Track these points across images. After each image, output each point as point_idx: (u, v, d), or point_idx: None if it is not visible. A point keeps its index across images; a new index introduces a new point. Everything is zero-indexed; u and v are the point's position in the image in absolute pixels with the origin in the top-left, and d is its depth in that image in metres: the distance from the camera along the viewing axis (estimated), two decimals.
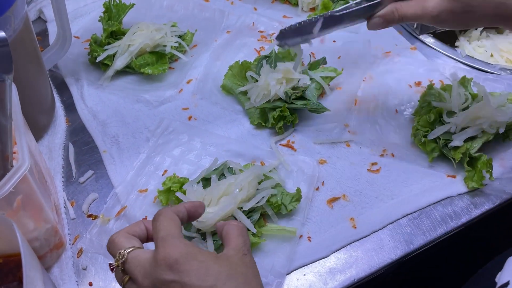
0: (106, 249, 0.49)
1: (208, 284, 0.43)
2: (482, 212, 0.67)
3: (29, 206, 0.52)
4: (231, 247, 0.47)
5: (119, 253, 0.46)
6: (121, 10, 0.87)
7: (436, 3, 0.59)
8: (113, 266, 0.47)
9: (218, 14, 0.95)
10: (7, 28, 0.58)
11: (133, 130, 0.76)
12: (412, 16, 0.61)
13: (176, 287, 0.43)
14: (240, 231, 0.49)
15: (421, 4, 0.60)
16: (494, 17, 0.59)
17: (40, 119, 0.74)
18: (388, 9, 0.62)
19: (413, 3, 0.61)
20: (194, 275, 0.43)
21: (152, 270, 0.44)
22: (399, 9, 0.61)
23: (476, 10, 0.58)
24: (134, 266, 0.45)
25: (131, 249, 0.46)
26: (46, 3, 0.96)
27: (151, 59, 0.83)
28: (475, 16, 0.59)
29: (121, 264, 0.46)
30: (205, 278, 0.43)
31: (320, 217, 0.66)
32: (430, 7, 0.59)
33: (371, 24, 0.63)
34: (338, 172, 0.71)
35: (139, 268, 0.45)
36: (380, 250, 0.63)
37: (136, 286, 0.45)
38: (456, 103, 0.72)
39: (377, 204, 0.67)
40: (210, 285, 0.43)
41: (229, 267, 0.44)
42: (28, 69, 0.68)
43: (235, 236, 0.48)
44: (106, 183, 0.70)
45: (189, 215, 0.51)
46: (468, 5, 0.58)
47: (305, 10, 0.97)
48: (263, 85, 0.75)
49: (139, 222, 0.50)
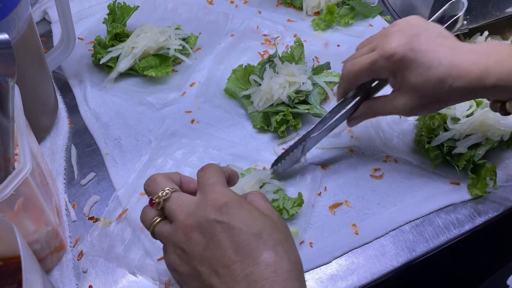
0: (145, 188, 0.49)
1: (254, 231, 0.43)
2: (486, 220, 0.66)
3: (30, 209, 0.51)
4: (263, 208, 0.47)
5: (163, 190, 0.46)
6: (126, 12, 0.87)
7: (405, 102, 0.59)
8: (153, 202, 0.47)
9: (222, 17, 0.95)
10: (10, 29, 0.58)
11: (136, 133, 0.76)
12: (387, 113, 0.64)
13: (222, 228, 0.43)
14: (265, 198, 0.49)
15: (391, 104, 0.61)
16: (465, 98, 0.59)
17: (43, 121, 0.74)
18: (363, 110, 0.64)
19: (383, 102, 0.62)
20: (242, 220, 0.43)
21: (198, 210, 0.44)
22: (372, 107, 0.64)
23: (445, 99, 0.58)
24: (177, 204, 0.45)
25: (174, 188, 0.47)
26: (51, 4, 0.96)
27: (154, 61, 0.82)
28: (447, 102, 0.59)
29: (163, 201, 0.46)
30: (252, 225, 0.43)
31: (322, 223, 0.66)
32: (401, 106, 0.60)
33: (351, 124, 0.67)
34: (340, 178, 0.71)
35: (182, 207, 0.45)
36: (382, 257, 0.63)
37: (171, 227, 0.45)
38: (461, 110, 0.71)
39: (379, 211, 0.67)
40: (255, 232, 0.43)
41: (271, 221, 0.45)
42: (32, 70, 0.68)
43: (262, 202, 0.48)
44: (108, 185, 0.70)
45: (230, 176, 0.51)
46: (435, 97, 0.57)
47: (310, 14, 0.96)
48: (266, 89, 0.75)
49: (174, 172, 0.51)
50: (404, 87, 0.58)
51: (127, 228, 0.64)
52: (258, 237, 0.43)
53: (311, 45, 0.90)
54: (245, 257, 0.42)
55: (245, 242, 0.42)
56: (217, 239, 0.43)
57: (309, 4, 0.95)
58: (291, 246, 0.45)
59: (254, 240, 0.42)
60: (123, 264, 0.61)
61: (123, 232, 0.63)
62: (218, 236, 0.43)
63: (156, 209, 0.47)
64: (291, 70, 0.75)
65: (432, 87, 0.56)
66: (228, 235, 0.43)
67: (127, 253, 0.62)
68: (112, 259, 0.61)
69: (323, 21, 0.93)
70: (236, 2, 1.00)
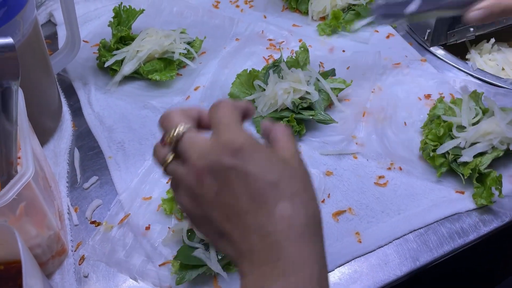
0: (159, 124, 0.44)
1: (271, 179, 0.38)
2: (491, 230, 0.66)
3: (32, 213, 0.51)
4: (285, 150, 0.42)
5: (176, 127, 0.42)
6: (131, 16, 0.87)
7: None
8: (165, 140, 0.43)
9: (227, 21, 0.94)
10: (15, 33, 0.58)
11: (139, 137, 0.76)
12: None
13: (235, 174, 0.39)
14: (290, 135, 0.43)
15: None
16: None
17: (46, 123, 0.74)
18: (490, 1, 0.59)
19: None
20: (258, 165, 0.39)
21: (211, 152, 0.40)
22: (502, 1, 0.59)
23: None
24: (190, 144, 0.41)
25: (189, 126, 0.42)
26: (56, 6, 0.96)
27: (159, 65, 0.82)
28: None
29: (175, 141, 0.42)
30: (269, 172, 0.39)
31: (325, 231, 0.64)
32: None
33: (471, 16, 0.61)
34: (344, 185, 0.70)
35: (196, 148, 0.41)
36: (386, 266, 0.62)
37: (183, 167, 0.41)
38: (466, 118, 0.71)
39: (383, 219, 0.66)
40: (272, 180, 0.38)
41: (291, 168, 0.40)
42: (36, 73, 0.68)
43: (285, 142, 0.42)
44: (111, 189, 0.70)
45: (244, 112, 0.45)
46: None
47: (315, 19, 0.96)
48: (270, 94, 0.74)
49: (193, 107, 0.45)
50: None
51: (129, 233, 0.64)
52: (274, 186, 0.39)
53: (316, 50, 0.90)
54: (259, 207, 0.38)
55: (260, 191, 0.38)
56: (230, 186, 0.39)
57: (315, 9, 0.95)
58: (311, 197, 0.40)
59: (270, 189, 0.38)
60: (124, 269, 0.61)
61: (125, 237, 0.63)
62: (231, 182, 0.39)
63: (168, 147, 0.43)
64: (297, 76, 0.75)
65: None
66: (242, 182, 0.39)
67: (129, 258, 0.62)
68: (114, 264, 0.61)
69: (328, 26, 0.93)
70: (242, 6, 1.00)
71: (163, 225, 0.65)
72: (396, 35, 0.94)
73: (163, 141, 0.43)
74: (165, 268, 0.61)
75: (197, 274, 0.58)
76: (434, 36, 0.92)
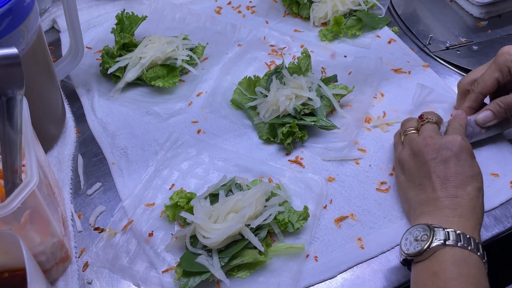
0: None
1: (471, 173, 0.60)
2: (493, 235, 0.66)
3: (37, 221, 0.52)
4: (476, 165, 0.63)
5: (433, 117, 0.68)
6: (134, 22, 0.87)
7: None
8: (423, 118, 0.68)
9: (230, 27, 0.95)
10: (20, 42, 0.59)
11: (142, 143, 0.76)
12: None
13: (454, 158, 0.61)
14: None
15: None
16: None
17: (50, 130, 0.75)
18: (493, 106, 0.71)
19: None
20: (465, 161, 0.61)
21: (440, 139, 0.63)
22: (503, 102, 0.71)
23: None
24: (431, 129, 0.66)
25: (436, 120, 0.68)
26: (60, 13, 0.97)
27: (162, 72, 0.83)
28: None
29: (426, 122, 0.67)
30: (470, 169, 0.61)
31: (328, 237, 0.65)
32: None
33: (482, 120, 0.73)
34: (346, 190, 0.70)
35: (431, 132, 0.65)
36: (388, 272, 0.62)
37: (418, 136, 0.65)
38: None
39: (385, 225, 0.66)
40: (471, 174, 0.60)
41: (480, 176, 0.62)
42: (40, 80, 0.69)
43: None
44: (114, 195, 0.70)
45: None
46: None
47: (317, 24, 0.97)
48: (272, 100, 0.74)
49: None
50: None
51: (132, 239, 0.64)
52: (472, 178, 0.59)
53: (318, 56, 0.90)
54: (460, 181, 0.59)
55: (464, 175, 0.59)
56: (445, 160, 0.61)
57: (316, 15, 0.96)
58: (482, 200, 0.60)
59: (470, 178, 0.59)
60: (128, 276, 0.61)
61: (128, 244, 0.64)
62: (448, 160, 0.61)
63: (418, 123, 0.68)
64: (299, 82, 0.75)
65: None
66: (454, 163, 0.60)
67: (132, 264, 0.62)
68: (117, 270, 0.61)
69: (330, 32, 0.93)
70: (244, 12, 1.01)
71: (166, 231, 0.65)
72: (397, 40, 0.94)
73: (421, 117, 0.69)
74: (168, 275, 0.61)
75: (200, 280, 0.58)
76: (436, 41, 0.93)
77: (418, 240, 0.55)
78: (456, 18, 1.00)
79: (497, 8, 0.98)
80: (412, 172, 0.64)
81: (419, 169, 0.63)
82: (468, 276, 0.52)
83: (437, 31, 0.96)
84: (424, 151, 0.62)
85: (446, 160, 0.61)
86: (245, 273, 0.60)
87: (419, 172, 0.62)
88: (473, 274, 0.52)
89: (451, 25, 0.98)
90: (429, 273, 0.53)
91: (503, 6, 0.98)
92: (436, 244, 0.54)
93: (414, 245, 0.55)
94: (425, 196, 0.61)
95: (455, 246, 0.53)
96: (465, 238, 0.54)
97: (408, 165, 0.65)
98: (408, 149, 0.65)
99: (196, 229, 0.60)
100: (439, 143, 0.62)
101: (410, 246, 0.56)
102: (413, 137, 0.66)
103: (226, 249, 0.60)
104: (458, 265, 0.52)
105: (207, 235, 0.59)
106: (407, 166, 0.65)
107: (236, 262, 0.60)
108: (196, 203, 0.63)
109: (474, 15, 0.99)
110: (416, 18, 1.00)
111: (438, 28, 0.97)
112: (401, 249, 0.57)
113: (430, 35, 0.94)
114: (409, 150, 0.65)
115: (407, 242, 0.57)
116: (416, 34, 0.96)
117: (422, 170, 0.62)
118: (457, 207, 0.57)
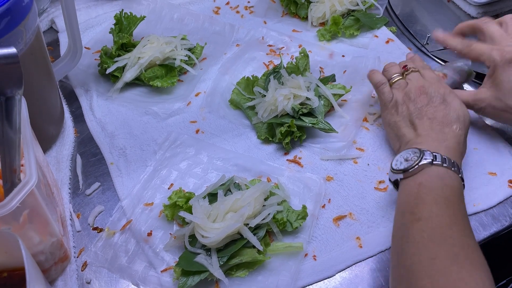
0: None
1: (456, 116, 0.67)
2: (490, 234, 0.66)
3: (35, 220, 0.52)
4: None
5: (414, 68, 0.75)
6: (132, 23, 0.88)
7: (486, 96, 0.71)
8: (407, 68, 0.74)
9: (228, 27, 0.95)
10: (18, 42, 0.59)
11: (141, 143, 0.76)
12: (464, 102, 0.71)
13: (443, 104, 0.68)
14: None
15: (473, 94, 0.73)
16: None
17: (49, 130, 0.75)
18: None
19: (467, 91, 0.75)
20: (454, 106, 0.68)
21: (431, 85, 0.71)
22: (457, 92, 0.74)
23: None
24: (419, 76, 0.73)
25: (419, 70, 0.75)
26: (58, 13, 0.97)
27: (160, 72, 0.83)
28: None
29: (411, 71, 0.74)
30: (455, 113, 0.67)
31: (326, 236, 0.65)
32: (481, 97, 0.72)
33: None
34: (345, 190, 0.71)
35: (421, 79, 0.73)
36: (386, 271, 0.62)
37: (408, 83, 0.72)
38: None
39: (383, 224, 0.67)
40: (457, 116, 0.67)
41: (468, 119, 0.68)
42: (38, 80, 0.69)
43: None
44: (113, 195, 0.70)
45: None
46: (508, 106, 0.69)
47: (315, 24, 0.97)
48: (271, 100, 0.75)
49: None
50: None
51: (131, 239, 0.64)
52: (457, 119, 0.66)
53: (316, 56, 0.90)
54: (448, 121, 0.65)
55: (450, 116, 0.66)
56: (434, 105, 0.67)
57: (314, 15, 0.96)
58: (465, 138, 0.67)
59: (455, 119, 0.66)
60: (127, 276, 0.61)
61: (127, 243, 0.64)
62: (436, 104, 0.68)
63: (400, 71, 0.75)
64: (297, 82, 0.75)
65: None
66: (442, 108, 0.67)
67: (131, 264, 0.62)
68: (116, 270, 0.62)
69: (328, 32, 0.94)
70: (242, 12, 1.01)
71: (165, 231, 0.65)
72: (395, 40, 0.94)
73: (405, 67, 0.74)
74: (167, 274, 0.61)
75: (199, 279, 0.59)
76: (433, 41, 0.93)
77: (408, 160, 0.61)
78: (453, 18, 1.00)
79: (494, 8, 0.99)
80: (405, 115, 0.69)
81: (412, 112, 0.69)
82: (449, 187, 0.58)
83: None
84: (419, 100, 0.69)
85: (436, 106, 0.68)
86: (244, 272, 0.60)
87: (412, 115, 0.68)
88: (454, 187, 0.58)
89: (449, 25, 0.98)
90: (416, 183, 0.59)
91: (500, 6, 0.99)
92: (424, 162, 0.59)
93: (404, 164, 0.61)
94: (416, 132, 0.67)
95: (441, 166, 0.59)
96: (450, 161, 0.60)
97: (401, 109, 0.70)
98: (401, 94, 0.71)
99: (195, 229, 0.61)
100: (430, 92, 0.69)
101: (401, 165, 0.61)
102: (403, 84, 0.73)
103: (225, 248, 0.60)
104: (441, 178, 0.59)
105: (206, 235, 0.59)
106: (401, 109, 0.70)
107: (235, 261, 0.60)
108: (195, 203, 0.63)
109: (471, 15, 0.99)
110: (414, 18, 1.01)
111: (436, 28, 0.97)
112: (392, 167, 0.62)
113: (428, 35, 0.94)
114: (403, 95, 0.71)
115: (397, 163, 0.62)
116: (414, 34, 0.96)
117: (415, 112, 0.68)
118: (444, 140, 0.63)
